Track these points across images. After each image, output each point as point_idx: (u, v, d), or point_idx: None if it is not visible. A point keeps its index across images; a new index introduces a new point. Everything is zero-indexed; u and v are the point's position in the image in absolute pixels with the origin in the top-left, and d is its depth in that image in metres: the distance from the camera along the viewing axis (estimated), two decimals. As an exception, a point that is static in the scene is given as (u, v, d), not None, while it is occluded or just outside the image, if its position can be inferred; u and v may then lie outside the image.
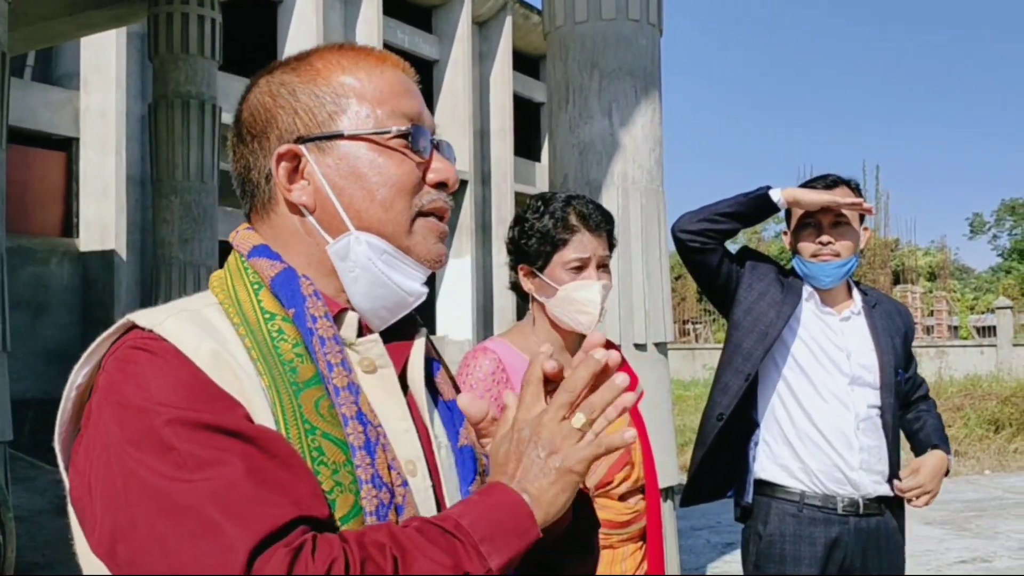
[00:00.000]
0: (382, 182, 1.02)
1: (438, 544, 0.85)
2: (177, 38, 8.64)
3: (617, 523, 2.18)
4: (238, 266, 1.04)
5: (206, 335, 0.92)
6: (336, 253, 1.03)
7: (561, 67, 4.24)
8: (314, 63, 1.06)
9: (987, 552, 6.91)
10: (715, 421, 2.75)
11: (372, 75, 1.05)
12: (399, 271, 1.03)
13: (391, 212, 1.03)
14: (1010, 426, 12.13)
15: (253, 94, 1.08)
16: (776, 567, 2.68)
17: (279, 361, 0.95)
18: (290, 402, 0.93)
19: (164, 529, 0.81)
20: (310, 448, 0.91)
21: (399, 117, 1.04)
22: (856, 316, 2.79)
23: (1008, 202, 54.17)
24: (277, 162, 1.03)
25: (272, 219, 1.06)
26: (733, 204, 2.74)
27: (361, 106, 1.04)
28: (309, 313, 0.98)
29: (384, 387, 1.02)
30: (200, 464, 0.83)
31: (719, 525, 7.40)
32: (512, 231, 2.26)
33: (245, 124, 1.07)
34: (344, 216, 1.02)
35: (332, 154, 1.03)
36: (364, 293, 1.04)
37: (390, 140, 1.03)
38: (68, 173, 14.25)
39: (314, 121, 1.03)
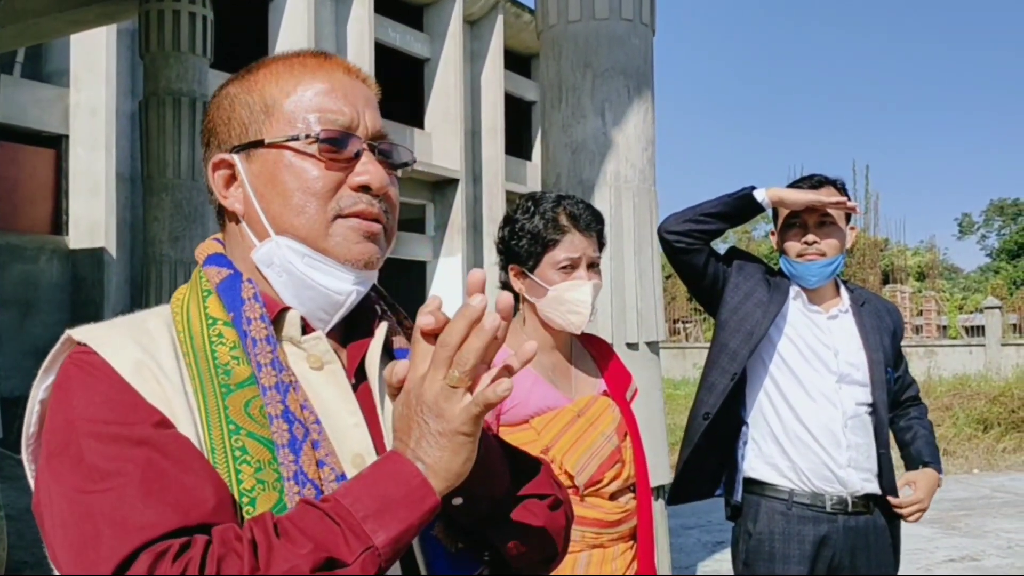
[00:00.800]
0: (296, 187, 1.04)
1: (307, 530, 0.85)
2: (168, 35, 8.62)
3: (607, 522, 2.18)
4: (196, 275, 1.08)
5: (134, 345, 0.97)
6: (260, 259, 1.06)
7: (554, 66, 4.24)
8: (256, 73, 1.10)
9: (976, 551, 6.95)
10: (701, 420, 2.76)
11: (302, 82, 1.07)
12: (322, 272, 1.04)
13: (302, 216, 1.04)
14: (999, 425, 12.18)
15: (209, 109, 1.13)
16: (765, 565, 2.70)
17: (213, 365, 0.98)
18: (215, 404, 0.96)
19: (72, 538, 0.87)
20: (232, 448, 0.94)
21: (324, 123, 1.05)
22: (844, 314, 2.80)
23: (997, 202, 54.41)
24: (213, 171, 1.09)
25: (225, 225, 1.12)
26: (718, 204, 2.75)
27: (287, 113, 1.06)
28: (246, 316, 1.01)
29: (332, 382, 1.04)
30: (102, 476, 0.87)
31: (710, 524, 7.42)
32: (502, 231, 2.26)
33: (202, 137, 1.14)
34: (264, 221, 1.05)
35: (256, 161, 1.06)
36: (293, 295, 1.06)
37: (309, 145, 1.05)
38: (58, 170, 14.19)
39: (244, 130, 1.07)
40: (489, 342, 0.87)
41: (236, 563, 0.83)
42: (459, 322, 0.87)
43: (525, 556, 1.10)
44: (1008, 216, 53.02)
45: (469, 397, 0.88)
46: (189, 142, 8.62)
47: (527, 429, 2.16)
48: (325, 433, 0.99)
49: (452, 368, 0.87)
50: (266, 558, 0.83)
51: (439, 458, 0.89)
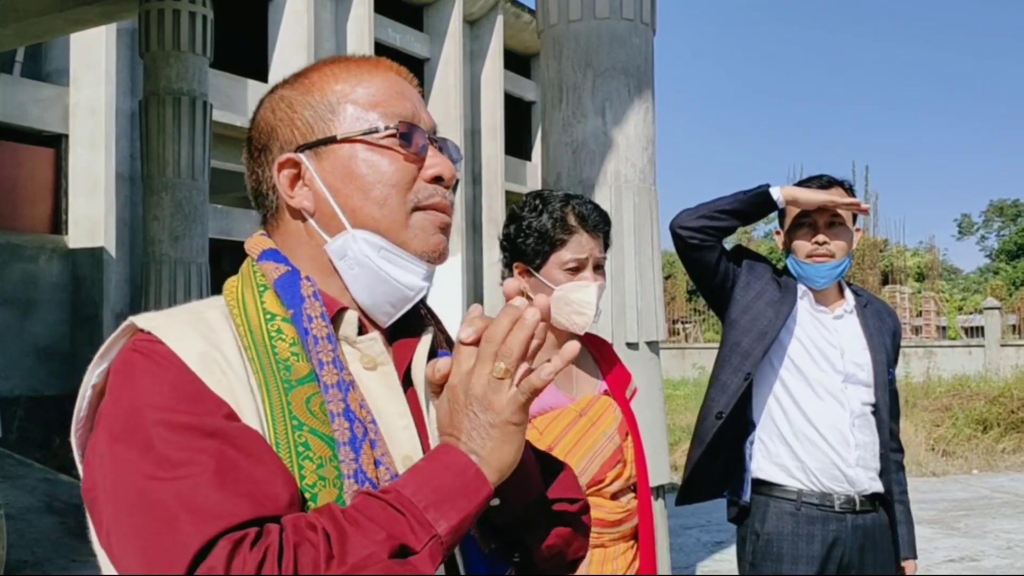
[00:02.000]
0: (376, 180, 1.06)
1: (376, 519, 0.87)
2: (168, 35, 8.61)
3: (609, 522, 2.18)
4: (249, 270, 1.09)
5: (198, 337, 0.97)
6: (334, 252, 1.07)
7: (555, 66, 4.24)
8: (310, 76, 1.12)
9: (975, 551, 6.95)
10: (714, 419, 2.75)
11: (363, 80, 1.11)
12: (397, 266, 1.06)
13: (385, 208, 1.06)
14: (998, 426, 12.19)
15: (258, 113, 1.14)
16: (773, 566, 2.69)
17: (274, 360, 0.99)
18: (279, 399, 0.97)
19: (140, 524, 0.86)
20: (296, 443, 0.95)
21: (391, 118, 1.08)
22: (849, 315, 2.80)
23: (996, 203, 54.47)
24: (278, 171, 1.09)
25: (281, 226, 1.12)
26: (733, 201, 2.74)
27: (353, 110, 1.08)
28: (306, 313, 1.02)
29: (385, 384, 1.06)
30: (175, 464, 0.87)
31: (709, 524, 7.42)
32: (508, 228, 2.25)
33: (253, 141, 1.13)
34: (341, 215, 1.06)
35: (328, 158, 1.07)
36: (365, 290, 1.07)
37: (382, 139, 1.07)
38: (57, 170, 14.16)
39: (310, 130, 1.08)
40: (531, 335, 0.92)
41: (311, 551, 0.84)
42: (503, 319, 0.93)
43: (555, 559, 1.13)
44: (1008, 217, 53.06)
45: (515, 388, 0.92)
46: (189, 141, 8.61)
47: (530, 429, 2.14)
48: (380, 433, 1.01)
49: (497, 361, 0.92)
50: (340, 546, 0.84)
51: (491, 448, 0.92)
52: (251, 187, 1.15)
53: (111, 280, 13.74)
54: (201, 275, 8.78)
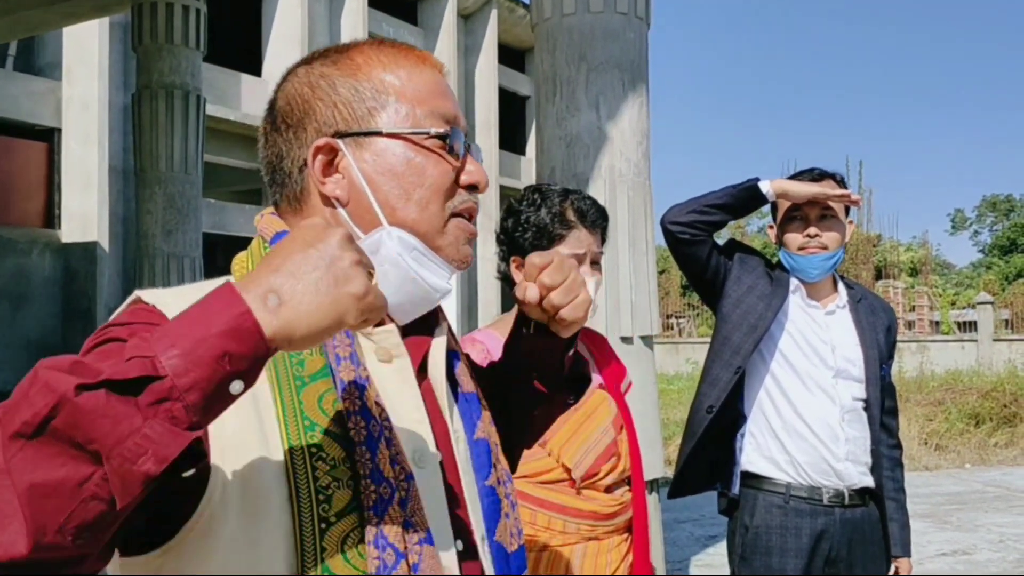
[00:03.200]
0: (419, 182, 1.03)
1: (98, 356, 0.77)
2: (161, 28, 8.59)
3: (603, 515, 2.18)
4: (260, 250, 1.05)
5: None
6: (368, 247, 1.01)
7: (548, 59, 4.23)
8: (354, 57, 1.07)
9: (967, 545, 6.97)
10: (704, 413, 2.76)
11: (412, 74, 1.06)
12: (428, 268, 1.04)
13: (426, 212, 1.04)
14: (990, 420, 12.22)
15: (291, 83, 1.08)
16: (762, 559, 2.70)
17: (287, 354, 0.95)
18: (291, 399, 0.93)
19: None
20: (309, 444, 0.92)
21: (436, 118, 1.05)
22: (841, 310, 2.80)
23: (989, 198, 54.64)
24: (314, 155, 1.03)
25: (303, 210, 1.07)
26: (722, 195, 2.74)
27: (400, 104, 1.04)
28: None
29: (400, 377, 1.03)
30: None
31: (703, 518, 7.43)
32: (506, 222, 2.24)
33: (281, 113, 1.07)
34: (379, 211, 1.03)
35: (369, 150, 1.04)
36: (393, 289, 1.02)
37: (427, 140, 1.04)
38: (50, 164, 14.13)
39: (353, 116, 1.04)
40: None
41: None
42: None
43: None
44: (1000, 212, 53.22)
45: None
46: (182, 135, 8.59)
47: (524, 421, 2.15)
48: (395, 430, 0.98)
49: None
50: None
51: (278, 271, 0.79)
52: (269, 160, 1.09)
53: (104, 274, 13.72)
54: (194, 269, 8.77)
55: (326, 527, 0.89)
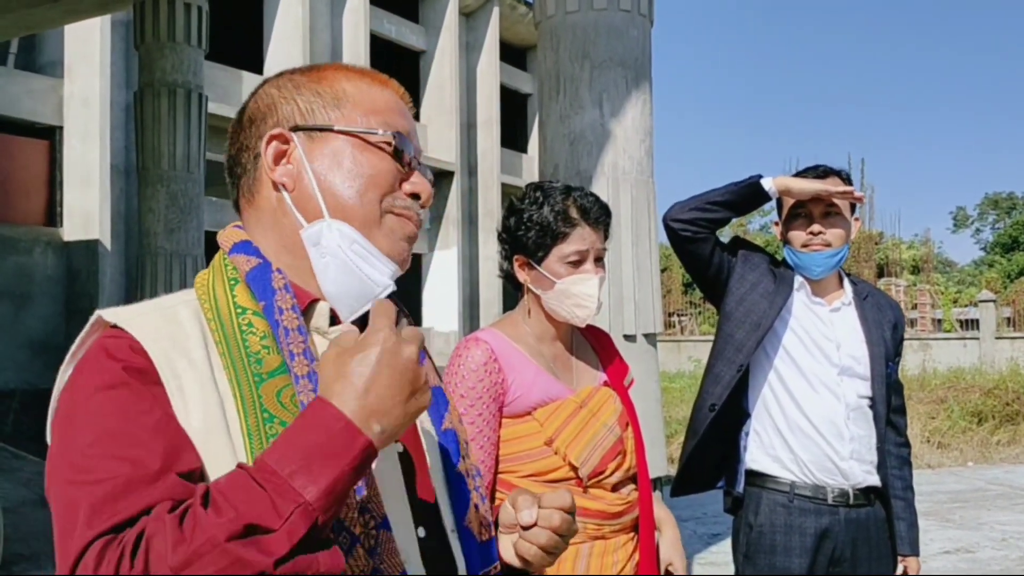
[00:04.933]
0: (360, 172, 1.10)
1: (234, 498, 0.85)
2: (163, 26, 8.59)
3: (610, 513, 2.17)
4: (220, 263, 1.11)
5: (165, 336, 1.00)
6: (309, 238, 1.09)
7: (552, 57, 4.23)
8: (324, 71, 1.16)
9: (970, 543, 6.97)
10: (707, 411, 2.75)
11: (372, 89, 1.15)
12: (368, 262, 1.09)
13: (363, 200, 1.09)
14: (993, 418, 12.22)
15: (261, 88, 1.17)
16: (767, 558, 2.69)
17: (245, 354, 1.02)
18: (250, 393, 0.99)
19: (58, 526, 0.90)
20: (266, 435, 0.97)
21: (389, 127, 1.13)
22: (846, 307, 2.79)
23: (991, 196, 54.58)
24: (268, 142, 1.11)
25: (256, 201, 1.14)
26: (724, 193, 2.73)
27: (355, 110, 1.12)
28: (277, 305, 1.05)
29: None
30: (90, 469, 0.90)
31: (705, 516, 7.43)
32: (508, 221, 2.23)
33: (248, 112, 1.16)
34: (320, 200, 1.09)
35: (320, 145, 1.11)
36: (333, 280, 1.09)
37: (377, 141, 1.11)
38: (52, 162, 14.11)
39: (311, 113, 1.12)
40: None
41: (160, 543, 0.82)
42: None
43: None
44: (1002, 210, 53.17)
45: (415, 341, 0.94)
46: (184, 133, 8.59)
47: (530, 421, 2.15)
48: None
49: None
50: (191, 530, 0.83)
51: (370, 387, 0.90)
52: (230, 156, 1.17)
53: (106, 273, 13.71)
54: (196, 267, 8.77)
55: None
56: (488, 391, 2.10)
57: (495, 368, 2.13)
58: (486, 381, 2.11)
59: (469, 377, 2.10)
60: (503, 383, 2.13)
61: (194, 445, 0.95)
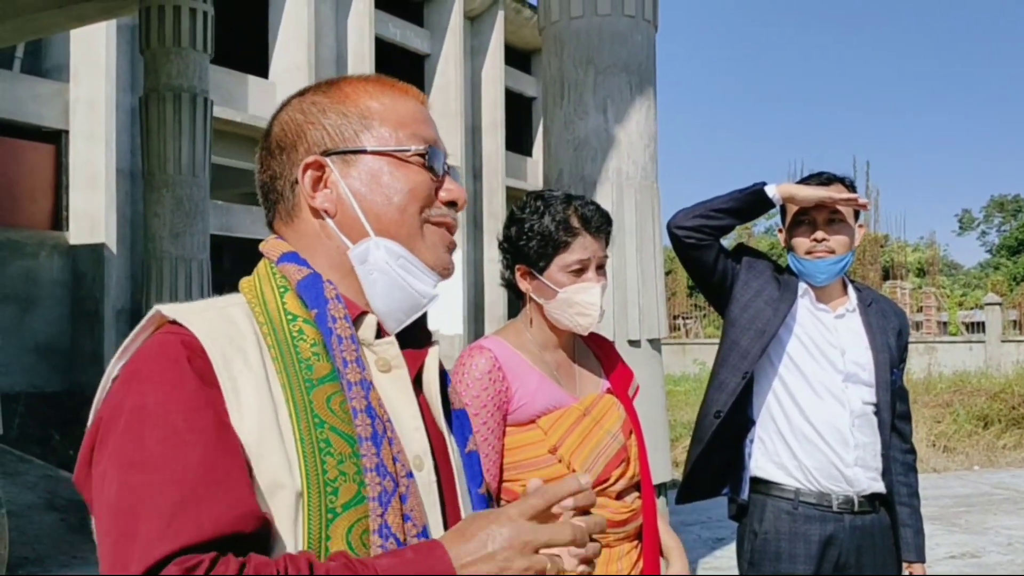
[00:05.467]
0: (399, 188, 1.13)
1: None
2: (169, 31, 8.60)
3: (614, 522, 2.17)
4: (268, 271, 1.13)
5: (222, 335, 1.02)
6: (356, 257, 1.13)
7: (556, 62, 4.23)
8: (343, 88, 1.18)
9: (976, 547, 6.95)
10: (712, 418, 2.75)
11: (396, 102, 1.17)
12: (414, 275, 1.13)
13: (405, 215, 1.13)
14: (999, 422, 12.19)
15: (285, 112, 1.19)
16: (771, 565, 2.68)
17: (296, 359, 1.04)
18: (302, 398, 1.02)
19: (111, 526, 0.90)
20: (318, 440, 1.00)
21: (417, 139, 1.16)
22: (851, 313, 2.79)
23: (997, 198, 54.47)
24: (304, 171, 1.13)
25: (296, 225, 1.16)
26: (728, 200, 2.73)
27: (384, 127, 1.15)
28: (330, 314, 1.07)
29: (398, 386, 1.12)
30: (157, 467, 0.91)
31: (710, 521, 7.42)
32: (508, 230, 2.23)
33: (275, 138, 1.18)
34: (364, 221, 1.12)
35: (355, 166, 1.14)
36: (382, 295, 1.13)
37: (409, 156, 1.14)
38: (57, 165, 14.15)
39: (340, 137, 1.14)
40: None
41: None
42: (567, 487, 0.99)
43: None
44: (1008, 212, 53.06)
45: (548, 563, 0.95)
46: (189, 138, 8.60)
47: (534, 429, 2.15)
48: (396, 432, 1.06)
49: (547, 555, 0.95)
50: None
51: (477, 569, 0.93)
52: (263, 182, 1.19)
53: (112, 276, 13.74)
54: (202, 271, 8.78)
55: (332, 517, 0.98)
56: (492, 399, 2.10)
57: (499, 376, 2.13)
58: (490, 390, 2.11)
59: (473, 386, 2.10)
60: (507, 391, 2.13)
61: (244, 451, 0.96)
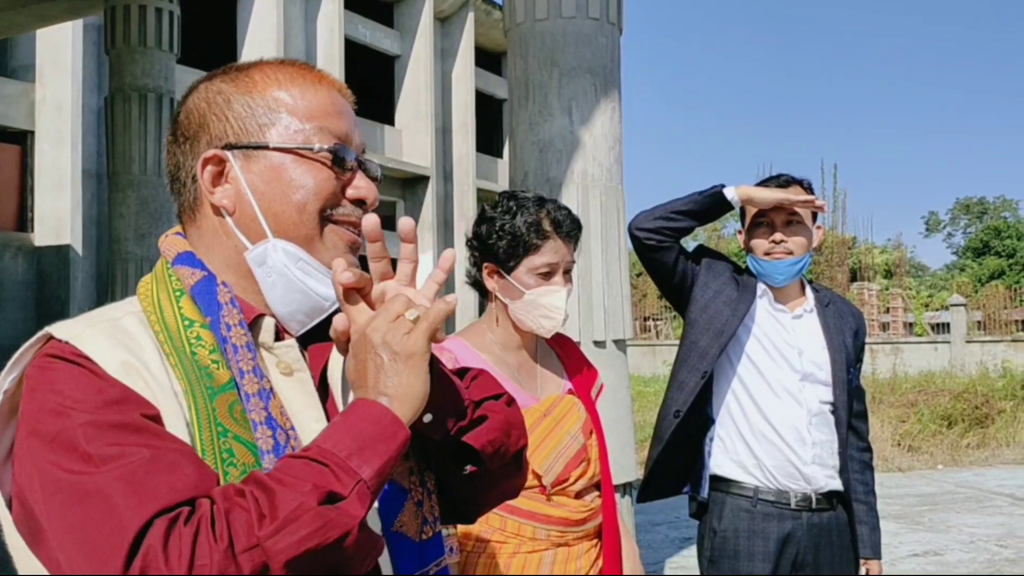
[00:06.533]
0: (299, 186, 1.08)
1: (300, 475, 0.89)
2: (134, 31, 8.53)
3: (573, 520, 2.18)
4: (164, 273, 1.10)
5: (119, 346, 0.98)
6: (254, 259, 1.08)
7: (521, 64, 4.24)
8: (252, 75, 1.13)
9: (939, 545, 7.03)
10: (672, 418, 2.77)
11: (306, 92, 1.12)
12: (314, 278, 1.09)
13: (304, 215, 1.08)
14: (962, 421, 12.35)
15: (191, 98, 1.14)
16: (730, 563, 2.71)
17: (196, 366, 1.01)
18: (205, 406, 0.99)
19: (76, 518, 0.87)
20: (221, 450, 0.98)
21: (326, 134, 1.10)
22: (808, 314, 2.83)
23: (963, 200, 55.19)
24: (203, 165, 1.09)
25: (197, 220, 1.13)
26: (688, 202, 2.76)
27: (291, 120, 1.10)
28: (224, 321, 1.04)
29: (301, 390, 1.09)
30: (105, 459, 0.88)
31: (678, 520, 7.46)
32: (479, 228, 2.23)
33: (180, 125, 1.13)
34: (262, 221, 1.08)
35: (257, 162, 1.09)
36: (280, 298, 1.09)
37: (314, 154, 1.10)
38: (23, 166, 14.00)
39: (244, 130, 1.10)
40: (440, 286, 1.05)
41: (243, 515, 0.86)
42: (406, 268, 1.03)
43: (501, 453, 1.17)
44: (974, 214, 53.78)
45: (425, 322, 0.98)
46: (155, 138, 8.53)
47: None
48: (300, 440, 1.03)
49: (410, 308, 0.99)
50: (270, 504, 0.86)
51: (400, 385, 0.96)
52: (170, 171, 1.15)
53: (77, 278, 13.61)
54: (168, 273, 8.69)
55: None
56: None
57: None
58: (451, 390, 2.11)
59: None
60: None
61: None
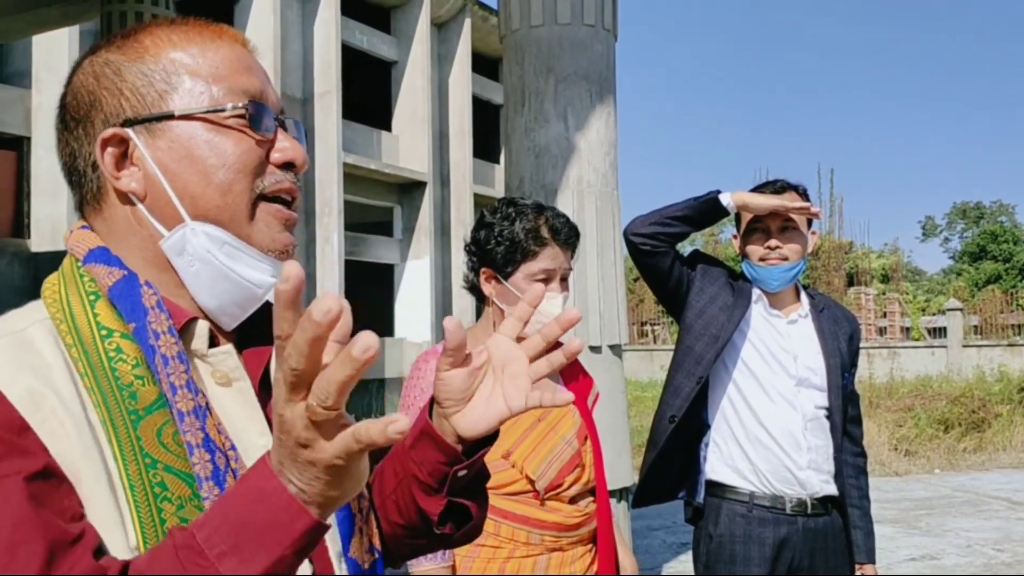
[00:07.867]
0: (219, 163, 0.94)
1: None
2: (131, 37, 8.54)
3: (567, 526, 2.19)
4: (73, 273, 0.94)
5: (24, 368, 0.84)
6: (171, 248, 0.95)
7: (517, 71, 4.26)
8: (142, 40, 0.98)
9: (936, 550, 7.04)
10: (667, 423, 2.78)
11: (206, 50, 0.98)
12: (243, 263, 0.95)
13: (229, 196, 0.95)
14: (959, 426, 12.37)
15: (77, 76, 0.99)
16: (726, 568, 2.72)
17: (116, 386, 0.86)
18: (127, 435, 0.85)
19: None
20: (151, 484, 0.84)
21: (237, 94, 0.97)
22: (803, 319, 2.83)
23: (960, 205, 55.35)
24: (102, 148, 0.95)
25: (104, 211, 0.98)
26: (684, 208, 2.77)
27: (195, 83, 0.96)
28: (151, 328, 0.90)
29: (242, 401, 0.96)
30: None
31: (675, 525, 7.46)
32: (477, 233, 2.24)
33: (68, 109, 0.99)
34: (178, 204, 0.94)
35: (164, 136, 0.95)
36: (207, 289, 0.96)
37: (227, 119, 0.96)
38: (19, 172, 14.00)
39: (142, 102, 0.95)
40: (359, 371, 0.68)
41: None
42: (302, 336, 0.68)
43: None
44: (970, 219, 53.90)
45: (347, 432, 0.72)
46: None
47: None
48: (242, 460, 0.91)
49: (310, 399, 0.71)
50: None
51: (309, 485, 0.75)
52: (65, 162, 1.00)
53: (74, 284, 13.59)
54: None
55: None
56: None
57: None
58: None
59: (428, 390, 2.12)
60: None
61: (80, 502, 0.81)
